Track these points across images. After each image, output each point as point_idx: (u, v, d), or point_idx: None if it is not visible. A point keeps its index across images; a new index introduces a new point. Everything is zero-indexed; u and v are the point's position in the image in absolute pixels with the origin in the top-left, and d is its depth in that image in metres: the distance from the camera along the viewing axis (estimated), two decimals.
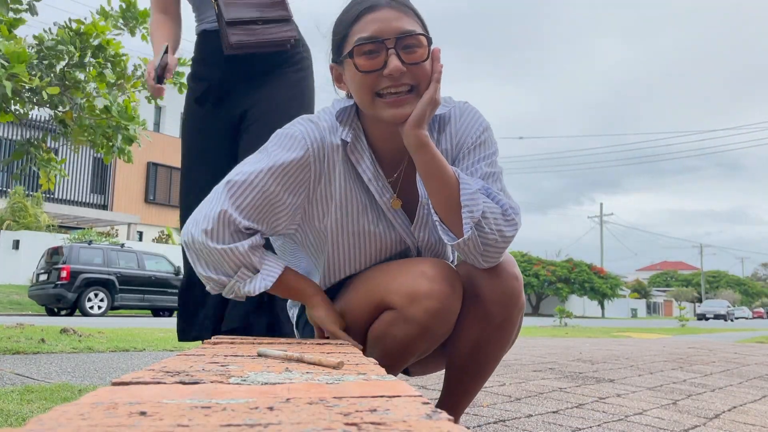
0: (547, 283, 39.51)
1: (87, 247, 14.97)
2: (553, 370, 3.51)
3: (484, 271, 1.28)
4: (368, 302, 1.29)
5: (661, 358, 4.74)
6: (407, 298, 1.21)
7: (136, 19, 4.31)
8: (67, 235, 19.55)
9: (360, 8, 1.25)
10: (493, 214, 1.23)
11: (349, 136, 1.31)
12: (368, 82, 1.23)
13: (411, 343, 1.23)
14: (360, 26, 1.24)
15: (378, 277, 1.31)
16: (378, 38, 1.22)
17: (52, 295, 13.92)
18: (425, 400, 0.56)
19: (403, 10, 1.25)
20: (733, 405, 2.53)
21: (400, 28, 1.22)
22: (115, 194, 25.12)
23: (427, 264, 1.24)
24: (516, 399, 2.38)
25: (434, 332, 1.23)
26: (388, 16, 1.23)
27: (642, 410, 2.26)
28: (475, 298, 1.29)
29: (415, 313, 1.20)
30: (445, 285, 1.21)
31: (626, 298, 51.36)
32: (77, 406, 0.49)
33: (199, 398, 0.54)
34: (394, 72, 1.21)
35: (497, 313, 1.28)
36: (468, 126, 1.36)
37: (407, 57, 1.22)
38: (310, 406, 0.52)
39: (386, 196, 1.34)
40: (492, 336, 1.31)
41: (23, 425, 0.41)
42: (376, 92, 1.24)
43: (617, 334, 10.92)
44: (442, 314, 1.21)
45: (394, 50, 1.21)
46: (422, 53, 1.23)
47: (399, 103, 1.23)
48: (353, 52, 1.23)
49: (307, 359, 0.84)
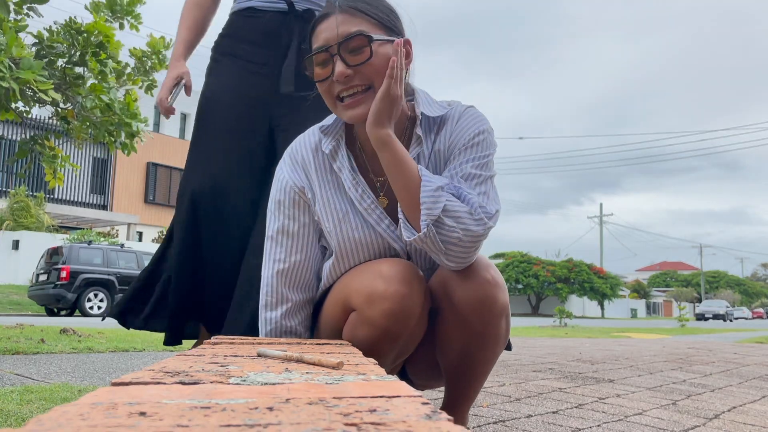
0: (547, 284, 39.52)
1: (87, 247, 14.96)
2: (552, 370, 3.51)
3: (457, 277, 1.25)
4: (338, 304, 1.30)
5: (660, 358, 4.74)
6: (365, 299, 1.20)
7: (124, 11, 4.31)
8: (66, 236, 19.54)
9: (316, 19, 1.30)
10: (457, 212, 1.20)
11: (329, 147, 1.36)
12: (325, 90, 1.29)
13: (374, 345, 1.21)
14: (314, 38, 1.29)
15: (346, 279, 1.32)
16: (323, 47, 1.26)
17: (51, 295, 13.91)
18: (425, 400, 0.56)
19: (351, 13, 1.26)
20: (732, 405, 2.53)
21: (343, 32, 1.25)
22: (114, 194, 25.12)
23: (386, 264, 1.23)
24: (516, 399, 2.38)
25: (394, 334, 1.20)
26: (335, 23, 1.26)
27: (642, 410, 2.26)
28: (451, 306, 1.26)
29: (372, 315, 1.19)
30: (402, 286, 1.19)
31: (626, 299, 51.38)
32: (77, 407, 0.49)
33: (198, 398, 0.54)
34: (338, 77, 1.25)
35: (475, 321, 1.25)
36: (464, 128, 1.34)
37: (352, 59, 1.24)
38: (309, 406, 0.52)
39: (366, 201, 1.34)
40: (476, 344, 1.29)
41: (23, 426, 0.41)
42: (337, 97, 1.28)
43: (617, 334, 10.93)
44: (399, 316, 1.18)
45: (339, 55, 1.24)
46: (366, 53, 1.24)
47: (354, 105, 1.26)
48: (306, 64, 1.29)
49: (306, 359, 0.84)
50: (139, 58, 4.41)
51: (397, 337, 1.21)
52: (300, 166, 1.40)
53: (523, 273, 38.79)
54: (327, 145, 1.37)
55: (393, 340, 1.21)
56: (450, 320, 1.28)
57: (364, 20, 1.27)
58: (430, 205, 1.20)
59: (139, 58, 4.41)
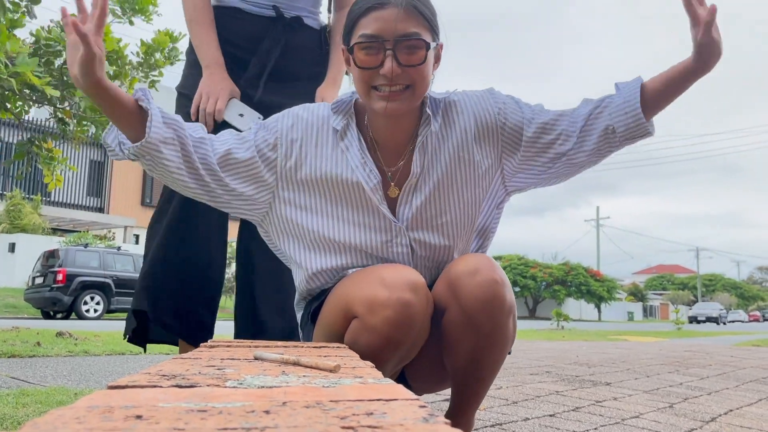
0: (544, 286, 39.52)
1: (83, 250, 14.93)
2: (549, 373, 3.51)
3: (465, 277, 1.24)
4: (338, 310, 1.28)
5: (657, 361, 4.75)
6: (367, 307, 1.19)
7: (134, 9, 4.28)
8: (63, 238, 19.49)
9: (368, 4, 1.29)
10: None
11: (340, 125, 1.37)
12: (365, 77, 1.29)
13: (377, 353, 1.19)
14: (365, 21, 1.28)
15: (345, 285, 1.30)
16: (378, 38, 1.26)
17: (48, 298, 13.86)
18: (422, 403, 0.56)
19: (411, 11, 1.27)
20: (729, 408, 2.54)
21: (401, 29, 1.25)
22: (111, 197, 25.08)
23: (388, 270, 1.22)
24: (513, 402, 2.38)
25: (396, 341, 1.19)
26: (393, 16, 1.25)
27: (638, 413, 2.26)
28: (459, 306, 1.25)
29: (375, 323, 1.18)
30: (404, 293, 1.17)
31: (623, 302, 51.41)
32: (73, 410, 0.48)
33: (195, 402, 0.54)
34: (387, 74, 1.26)
35: (484, 321, 1.24)
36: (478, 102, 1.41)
37: (405, 59, 1.26)
38: (306, 409, 0.52)
39: (373, 181, 1.35)
40: (485, 346, 1.28)
41: (19, 429, 0.41)
42: (372, 85, 1.29)
43: (614, 337, 10.94)
44: (401, 323, 1.17)
45: (392, 52, 1.25)
46: (420, 56, 1.27)
47: (392, 98, 1.28)
48: (353, 47, 1.28)
49: (303, 362, 0.84)
50: (145, 51, 4.38)
51: (400, 345, 1.20)
52: (301, 125, 1.39)
53: (520, 275, 38.77)
54: (338, 123, 1.37)
55: (395, 348, 1.21)
56: (458, 321, 1.27)
57: (420, 22, 1.28)
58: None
59: (145, 52, 4.38)
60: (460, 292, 1.25)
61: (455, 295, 1.25)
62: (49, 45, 3.91)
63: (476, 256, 1.28)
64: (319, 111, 1.41)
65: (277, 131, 1.39)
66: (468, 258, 1.28)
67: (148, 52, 4.37)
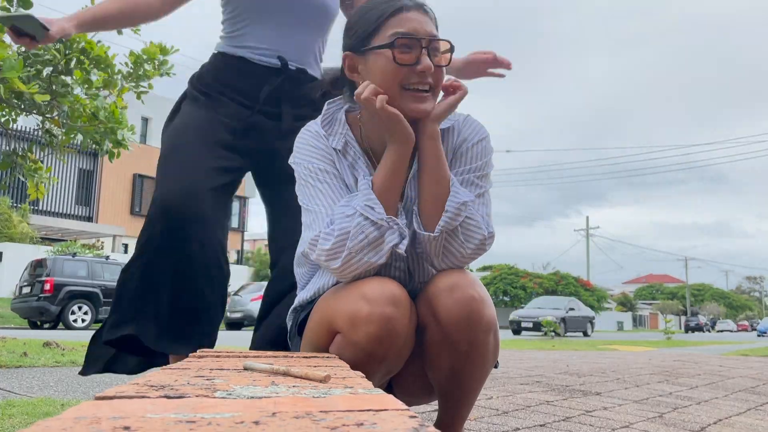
0: (534, 296, 39.62)
1: (71, 259, 14.80)
2: (540, 383, 3.51)
3: (443, 295, 1.24)
4: (322, 324, 1.28)
5: (647, 370, 4.76)
6: (349, 322, 1.18)
7: None
8: (51, 248, 19.35)
9: (395, 6, 1.33)
10: (472, 231, 1.30)
11: (339, 144, 1.38)
12: (399, 75, 1.30)
13: (361, 367, 1.17)
14: (396, 22, 1.32)
15: (328, 300, 1.30)
16: (416, 36, 1.30)
17: (35, 308, 13.73)
18: (412, 413, 0.56)
19: (432, 17, 1.36)
20: (718, 417, 2.54)
21: (430, 31, 1.33)
22: (100, 206, 24.95)
23: (369, 285, 1.21)
24: (503, 412, 2.38)
25: (380, 356, 1.19)
26: (420, 19, 1.33)
27: (628, 423, 2.26)
28: (437, 324, 1.25)
29: (357, 339, 1.17)
30: (386, 307, 1.17)
31: (612, 311, 51.59)
32: (60, 421, 0.48)
33: (183, 412, 0.54)
34: (426, 69, 1.30)
35: (461, 340, 1.24)
36: (470, 132, 1.43)
37: (435, 59, 1.32)
38: (296, 420, 0.52)
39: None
40: (465, 363, 1.27)
41: None
42: (402, 85, 1.31)
43: (603, 346, 10.96)
44: (384, 338, 1.17)
45: (427, 50, 1.30)
46: (446, 58, 1.34)
47: (422, 99, 1.31)
48: (395, 43, 1.30)
49: (293, 373, 0.84)
50: (134, 61, 4.38)
51: (384, 359, 1.20)
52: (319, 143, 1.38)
53: (510, 285, 38.85)
54: (337, 142, 1.38)
55: (379, 362, 1.21)
56: (436, 339, 1.26)
57: (435, 26, 1.37)
58: (452, 215, 1.29)
59: (134, 62, 4.38)
60: (437, 310, 1.24)
61: (433, 312, 1.25)
62: (38, 54, 3.90)
63: (455, 273, 1.28)
64: (314, 130, 1.39)
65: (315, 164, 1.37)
66: (447, 274, 1.28)
67: (137, 63, 4.37)
